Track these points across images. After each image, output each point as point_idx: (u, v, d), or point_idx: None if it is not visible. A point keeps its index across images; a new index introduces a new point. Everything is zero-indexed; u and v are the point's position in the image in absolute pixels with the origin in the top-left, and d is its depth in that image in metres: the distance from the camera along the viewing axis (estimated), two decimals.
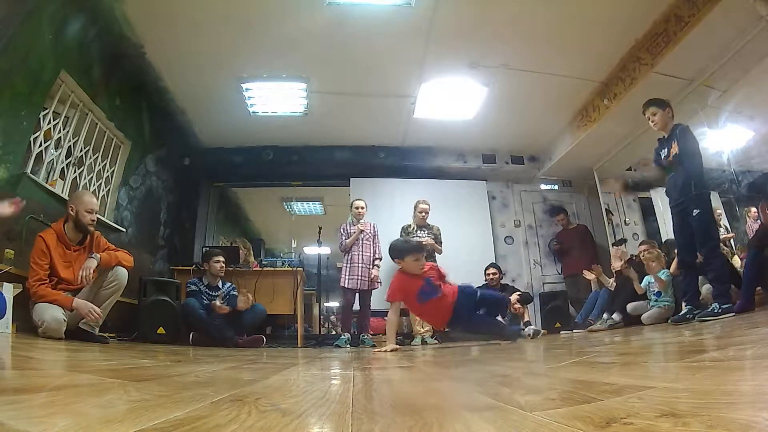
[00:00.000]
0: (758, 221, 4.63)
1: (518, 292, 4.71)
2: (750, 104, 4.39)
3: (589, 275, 4.71)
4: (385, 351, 2.85)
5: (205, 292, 3.85)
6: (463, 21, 3.66)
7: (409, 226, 4.77)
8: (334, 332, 7.03)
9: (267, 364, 1.93)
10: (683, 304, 3.10)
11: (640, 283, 3.99)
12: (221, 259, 3.97)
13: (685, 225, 3.01)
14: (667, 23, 3.51)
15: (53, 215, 2.97)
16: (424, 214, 4.75)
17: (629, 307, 3.98)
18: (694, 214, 2.91)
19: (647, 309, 3.85)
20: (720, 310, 2.68)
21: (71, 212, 2.74)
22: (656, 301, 3.82)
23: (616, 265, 4.44)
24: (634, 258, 4.59)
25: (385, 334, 3.21)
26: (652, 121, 3.18)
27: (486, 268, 4.87)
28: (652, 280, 3.84)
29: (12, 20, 2.70)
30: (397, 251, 3.06)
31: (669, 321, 3.23)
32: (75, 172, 3.66)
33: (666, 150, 3.16)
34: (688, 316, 2.91)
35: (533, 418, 0.57)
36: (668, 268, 3.83)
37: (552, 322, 4.85)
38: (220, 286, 3.95)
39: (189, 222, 5.62)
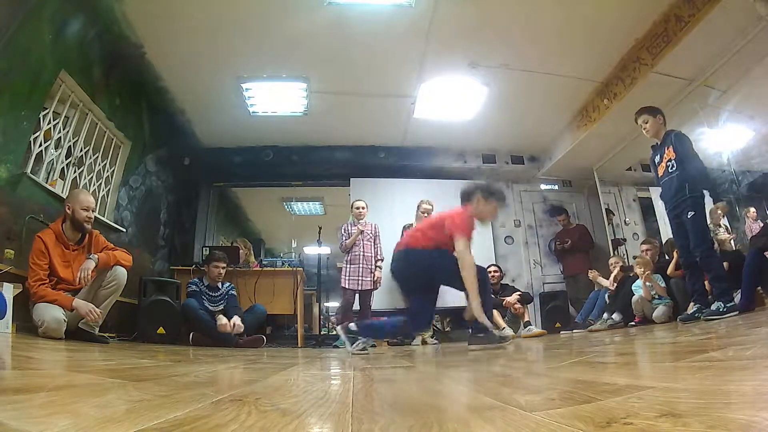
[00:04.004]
0: (758, 221, 4.62)
1: (518, 292, 4.73)
2: (750, 104, 4.38)
3: (592, 273, 4.71)
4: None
5: (205, 292, 3.87)
6: (463, 21, 3.66)
7: (411, 225, 4.76)
8: (334, 332, 7.02)
9: (267, 364, 1.93)
10: (692, 303, 3.11)
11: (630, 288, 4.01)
12: (221, 265, 3.95)
13: (682, 227, 3.06)
14: (667, 23, 3.51)
15: (53, 215, 2.96)
16: (426, 214, 4.74)
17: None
18: (688, 217, 2.95)
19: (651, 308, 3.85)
20: (725, 309, 2.70)
21: (68, 211, 2.73)
22: (659, 300, 3.82)
23: (614, 272, 4.43)
24: (632, 260, 4.58)
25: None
26: (644, 129, 3.24)
27: (486, 268, 4.86)
28: (648, 288, 3.84)
29: (12, 20, 2.70)
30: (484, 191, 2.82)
31: (678, 320, 3.23)
32: (75, 172, 3.66)
33: (659, 156, 3.20)
34: (697, 315, 2.92)
35: (533, 418, 0.57)
36: (667, 268, 3.82)
37: (552, 322, 4.84)
38: (220, 287, 3.96)
39: (189, 222, 5.62)
